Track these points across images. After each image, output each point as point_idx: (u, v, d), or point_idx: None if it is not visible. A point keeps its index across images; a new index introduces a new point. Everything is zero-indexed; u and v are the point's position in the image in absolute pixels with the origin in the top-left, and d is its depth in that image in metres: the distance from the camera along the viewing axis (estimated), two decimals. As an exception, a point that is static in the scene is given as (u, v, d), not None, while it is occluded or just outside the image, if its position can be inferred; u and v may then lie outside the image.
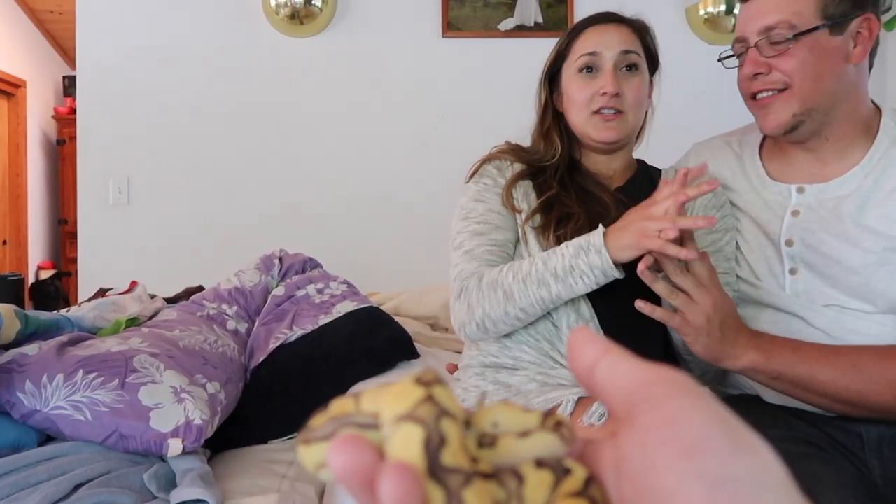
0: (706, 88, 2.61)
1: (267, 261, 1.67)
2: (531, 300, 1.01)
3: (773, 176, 1.15)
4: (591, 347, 0.24)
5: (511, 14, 2.77)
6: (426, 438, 0.20)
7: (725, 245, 1.14)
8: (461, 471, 0.20)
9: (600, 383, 0.23)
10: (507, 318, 1.03)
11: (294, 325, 1.45)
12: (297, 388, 1.35)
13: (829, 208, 1.07)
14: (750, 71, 1.05)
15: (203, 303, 1.54)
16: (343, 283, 1.61)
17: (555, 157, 1.16)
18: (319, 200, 2.73)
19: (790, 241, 1.09)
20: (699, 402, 0.20)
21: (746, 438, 0.19)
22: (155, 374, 1.12)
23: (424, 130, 2.78)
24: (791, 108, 1.04)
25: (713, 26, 2.75)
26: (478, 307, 1.04)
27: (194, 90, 2.71)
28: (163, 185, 2.72)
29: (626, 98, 1.10)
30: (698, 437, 0.19)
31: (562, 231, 1.07)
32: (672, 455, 0.19)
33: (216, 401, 1.18)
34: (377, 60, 2.76)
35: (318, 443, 0.22)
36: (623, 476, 0.21)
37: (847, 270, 1.05)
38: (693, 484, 0.18)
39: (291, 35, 2.71)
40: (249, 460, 1.21)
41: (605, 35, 1.12)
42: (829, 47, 1.03)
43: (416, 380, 0.22)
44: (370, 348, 1.40)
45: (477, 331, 1.07)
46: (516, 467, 0.22)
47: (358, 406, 0.23)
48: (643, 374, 0.22)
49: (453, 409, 0.21)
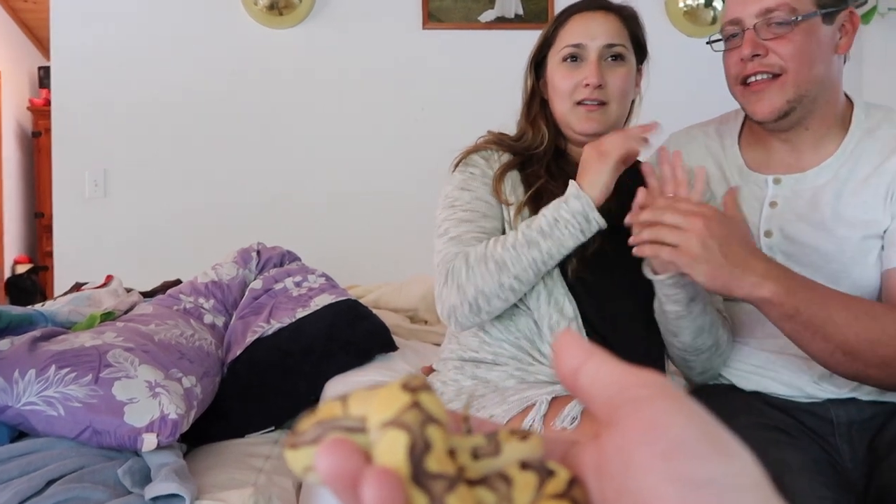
0: (685, 80, 2.63)
1: (244, 254, 1.66)
2: (524, 264, 1.00)
3: (750, 167, 1.16)
4: (576, 351, 0.24)
5: (491, 6, 2.76)
6: (411, 444, 0.21)
7: None
8: (445, 476, 0.21)
9: (584, 386, 0.23)
10: (502, 290, 1.01)
11: (271, 318, 1.45)
12: (275, 381, 1.34)
13: (807, 198, 1.09)
14: (749, 52, 1.04)
15: (179, 296, 1.53)
16: (321, 277, 1.61)
17: (542, 144, 1.15)
18: (298, 193, 2.71)
19: (769, 231, 1.11)
20: (679, 406, 0.20)
21: (725, 442, 0.20)
22: (129, 369, 1.11)
23: (405, 122, 2.76)
24: (786, 94, 1.05)
25: (692, 18, 2.76)
26: (469, 286, 1.02)
27: (172, 82, 2.67)
28: (140, 178, 2.68)
29: (610, 88, 1.10)
30: (678, 439, 0.19)
31: None
32: (651, 456, 0.19)
33: (192, 395, 1.17)
34: (357, 52, 2.74)
35: (306, 447, 0.23)
36: (604, 477, 0.21)
37: (825, 258, 1.07)
38: (671, 485, 0.19)
39: (270, 26, 2.68)
40: (226, 454, 1.21)
41: (591, 25, 1.10)
42: (823, 35, 1.05)
43: (403, 385, 0.22)
44: (348, 341, 1.40)
45: (469, 313, 1.03)
46: (503, 470, 0.23)
47: (346, 409, 0.23)
48: (626, 378, 0.22)
49: (439, 416, 0.22)
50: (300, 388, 1.35)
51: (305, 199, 2.71)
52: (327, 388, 1.34)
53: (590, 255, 1.07)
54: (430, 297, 1.94)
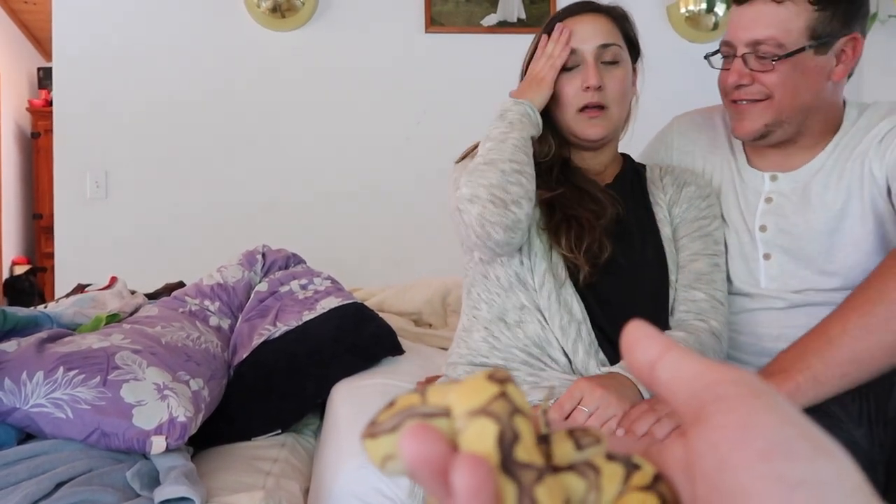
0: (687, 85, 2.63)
1: (250, 256, 1.65)
2: (509, 150, 1.05)
3: (750, 161, 1.20)
4: (653, 342, 0.24)
5: (494, 10, 2.77)
6: (500, 433, 0.20)
7: (714, 230, 1.16)
8: (534, 467, 0.20)
9: (664, 380, 0.23)
10: (506, 175, 1.02)
11: (278, 321, 1.44)
12: (281, 384, 1.34)
13: (799, 193, 1.13)
14: (734, 81, 1.08)
15: (185, 299, 1.52)
16: (327, 279, 1.60)
17: (549, 154, 1.15)
18: (302, 196, 2.71)
19: (763, 226, 1.14)
20: (773, 405, 0.20)
21: (823, 442, 0.19)
22: (137, 371, 1.11)
23: (407, 125, 2.77)
24: (764, 119, 1.09)
25: (694, 24, 2.77)
26: (479, 188, 1.02)
27: (173, 83, 2.67)
28: (141, 179, 2.68)
29: (609, 91, 1.10)
30: (776, 439, 0.19)
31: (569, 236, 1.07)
32: (749, 456, 0.19)
33: (200, 397, 1.17)
34: (360, 55, 2.74)
35: (385, 435, 0.22)
36: (696, 475, 0.21)
37: (818, 249, 1.10)
38: (771, 485, 0.18)
39: (273, 28, 2.68)
40: (233, 457, 1.20)
41: (583, 28, 1.10)
42: (812, 66, 1.06)
43: (489, 376, 0.22)
44: (355, 344, 1.40)
45: (496, 209, 1.00)
46: (590, 460, 0.23)
47: (424, 400, 0.23)
48: (711, 374, 0.22)
49: (526, 408, 0.22)
50: (307, 390, 1.35)
51: (308, 202, 2.71)
52: (334, 391, 1.34)
53: (602, 262, 1.07)
54: (435, 301, 1.94)
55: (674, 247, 1.14)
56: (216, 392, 1.26)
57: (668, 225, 1.16)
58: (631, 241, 1.13)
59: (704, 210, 1.16)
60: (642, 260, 1.12)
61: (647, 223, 1.16)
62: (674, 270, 1.13)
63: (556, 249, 1.07)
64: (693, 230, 1.14)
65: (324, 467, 1.16)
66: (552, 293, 1.06)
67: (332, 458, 1.14)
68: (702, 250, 1.13)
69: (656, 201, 1.18)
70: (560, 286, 1.06)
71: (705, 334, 1.05)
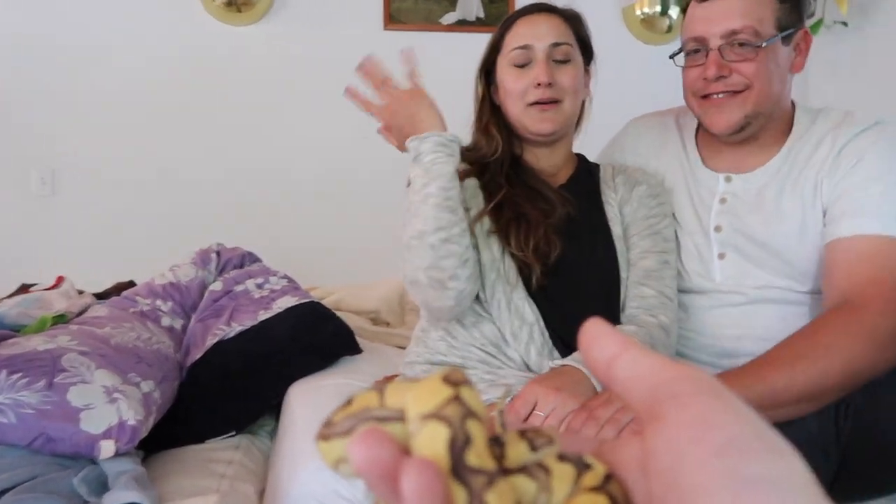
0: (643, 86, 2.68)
1: (203, 255, 1.62)
2: (431, 213, 0.99)
3: (704, 162, 1.22)
4: (610, 341, 0.24)
5: (453, 8, 2.77)
6: (452, 438, 0.20)
7: (664, 228, 1.18)
8: (485, 472, 0.20)
9: (622, 378, 0.23)
10: (436, 249, 0.98)
11: (232, 320, 1.42)
12: (236, 385, 1.31)
13: (753, 195, 1.15)
14: (714, 73, 1.08)
15: (136, 299, 1.48)
16: (283, 278, 1.58)
17: (496, 152, 1.16)
18: (258, 193, 2.67)
19: (719, 227, 1.16)
20: (728, 403, 0.21)
21: (775, 440, 0.20)
22: (85, 374, 1.07)
23: (366, 123, 2.74)
24: (744, 110, 1.09)
25: (649, 26, 2.82)
26: (415, 272, 1.01)
27: (126, 77, 2.60)
28: (91, 176, 2.60)
29: (560, 86, 1.11)
30: (730, 437, 0.19)
31: (517, 234, 1.07)
32: (705, 453, 0.19)
33: (151, 400, 1.14)
34: (317, 51, 2.71)
35: (338, 438, 0.22)
36: (652, 473, 0.21)
37: (770, 253, 1.12)
38: (725, 482, 0.18)
39: (229, 23, 2.63)
40: (186, 460, 1.18)
41: (537, 27, 1.12)
42: (781, 56, 1.10)
43: (444, 378, 0.22)
44: (312, 344, 1.38)
45: (436, 291, 1.00)
46: (542, 461, 0.23)
47: (381, 401, 0.23)
48: (668, 372, 0.22)
49: (479, 411, 0.21)
50: (263, 391, 1.33)
51: (264, 199, 2.67)
52: (291, 391, 1.32)
53: (552, 263, 1.08)
54: (393, 299, 1.93)
55: (624, 245, 1.16)
56: (168, 394, 1.24)
57: (619, 224, 1.18)
58: (583, 240, 1.14)
59: (655, 209, 1.18)
60: (594, 259, 1.14)
61: (599, 222, 1.18)
62: (625, 268, 1.14)
63: (507, 249, 1.08)
64: (643, 228, 1.16)
65: (280, 469, 1.14)
66: (502, 301, 1.07)
67: (288, 460, 1.13)
68: (651, 248, 1.15)
69: (608, 200, 1.20)
70: (512, 290, 1.07)
71: (655, 329, 1.07)
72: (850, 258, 1.03)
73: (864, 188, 1.05)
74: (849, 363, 0.93)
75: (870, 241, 1.02)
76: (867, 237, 1.02)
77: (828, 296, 1.04)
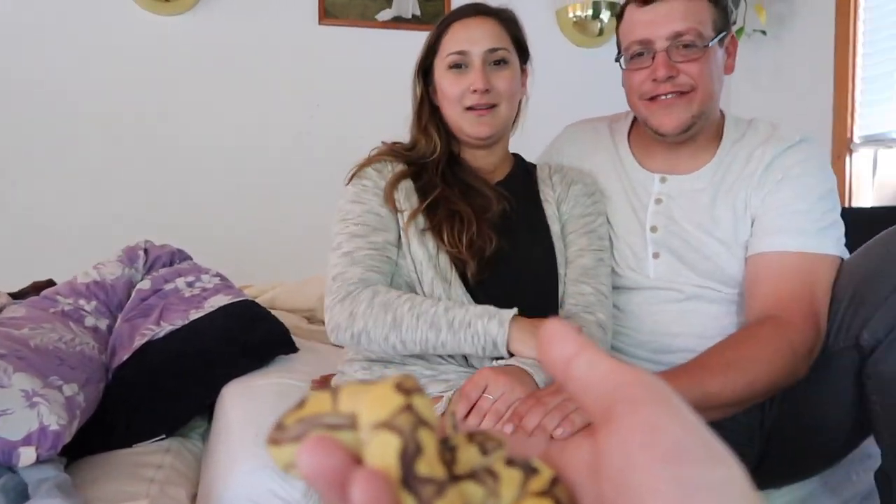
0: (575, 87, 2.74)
1: (130, 252, 1.56)
2: (415, 337, 1.01)
3: (640, 163, 1.25)
4: (567, 341, 0.24)
5: (389, 5, 2.76)
6: (402, 448, 0.20)
7: (598, 227, 1.21)
8: (435, 481, 0.21)
9: (577, 377, 0.24)
10: (386, 343, 1.02)
11: (162, 320, 1.37)
12: (166, 386, 1.27)
13: (687, 200, 1.19)
14: (664, 74, 1.10)
15: (56, 298, 1.41)
16: (215, 276, 1.54)
17: (435, 152, 1.17)
18: (188, 190, 2.58)
19: (654, 227, 1.19)
20: (676, 409, 0.21)
21: (718, 449, 0.21)
22: (2, 377, 1.02)
23: (301, 119, 2.71)
24: (691, 110, 1.12)
25: (581, 29, 2.88)
26: (361, 320, 1.02)
27: (47, 68, 2.47)
28: (6, 171, 2.46)
29: (497, 91, 1.12)
30: (677, 443, 0.20)
31: (451, 230, 1.08)
32: (652, 458, 0.20)
33: (74, 404, 1.09)
34: (250, 44, 2.65)
35: (289, 443, 0.22)
36: (603, 474, 0.22)
37: (703, 257, 1.16)
38: (671, 487, 0.19)
39: (156, 12, 2.54)
40: (114, 465, 1.13)
41: (473, 31, 1.13)
42: (719, 57, 1.15)
43: (397, 386, 0.22)
44: (246, 343, 1.35)
45: (350, 340, 1.05)
46: (490, 465, 0.23)
47: (335, 404, 0.23)
48: (622, 375, 0.23)
49: (431, 419, 0.22)
50: (194, 392, 1.29)
51: (193, 196, 2.59)
52: (224, 392, 1.29)
53: (488, 256, 1.09)
54: (329, 297, 1.91)
55: (562, 242, 1.19)
56: (93, 397, 1.19)
57: (557, 221, 1.20)
58: (520, 236, 1.16)
59: (590, 207, 1.21)
60: (531, 255, 1.16)
61: (537, 219, 1.20)
62: (562, 265, 1.17)
63: (441, 247, 1.08)
64: (580, 226, 1.19)
65: (214, 471, 1.11)
66: (442, 293, 1.07)
67: (223, 461, 1.10)
68: (587, 246, 1.18)
69: (546, 198, 1.22)
70: (449, 287, 1.08)
71: (593, 326, 1.10)
72: (773, 274, 1.08)
73: (788, 205, 1.10)
74: (772, 374, 0.99)
75: (791, 258, 1.08)
76: (789, 254, 1.08)
77: (752, 307, 1.10)
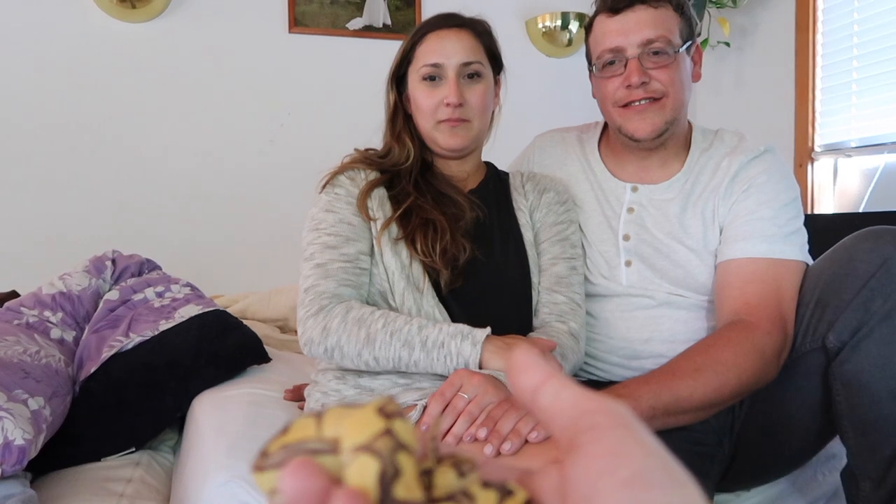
0: (544, 96, 2.78)
1: (98, 262, 1.53)
2: (389, 354, 1.01)
3: (611, 172, 1.27)
4: (535, 371, 0.25)
5: (360, 14, 2.76)
6: (381, 471, 0.21)
7: (571, 234, 1.22)
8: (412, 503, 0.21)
9: (543, 406, 0.25)
10: (359, 359, 1.02)
11: (131, 331, 1.35)
12: (136, 399, 1.25)
13: (658, 209, 1.21)
14: (637, 80, 1.12)
15: (21, 309, 1.38)
16: (186, 286, 1.52)
17: (409, 159, 1.17)
18: (157, 199, 2.54)
19: (627, 235, 1.22)
20: (637, 436, 0.22)
21: (677, 472, 0.22)
22: (-35, 392, 0.99)
23: (271, 128, 2.69)
24: (664, 116, 1.15)
25: (550, 39, 2.92)
26: (334, 335, 1.02)
27: (7, 76, 2.41)
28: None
29: (470, 106, 1.13)
30: (638, 468, 0.21)
31: (424, 240, 1.08)
32: (614, 484, 0.21)
33: (40, 417, 1.07)
34: (219, 52, 2.62)
35: (272, 470, 0.23)
36: (569, 500, 0.22)
37: (674, 264, 1.19)
38: None
39: (122, 19, 2.50)
40: (81, 480, 1.11)
41: (447, 44, 1.12)
42: (688, 65, 1.18)
43: (379, 410, 0.23)
44: (217, 354, 1.33)
45: (324, 354, 1.05)
46: (467, 487, 0.24)
47: (319, 429, 0.23)
48: (587, 403, 0.24)
49: (410, 443, 0.22)
50: (165, 404, 1.27)
51: (163, 206, 2.55)
52: (195, 403, 1.27)
53: (461, 265, 1.10)
54: (301, 307, 1.90)
55: (535, 250, 1.20)
56: (60, 410, 1.16)
57: (530, 229, 1.21)
58: (494, 244, 1.17)
59: (562, 215, 1.23)
60: (504, 263, 1.17)
61: (510, 228, 1.21)
62: (536, 273, 1.18)
63: (414, 256, 1.08)
64: (552, 234, 1.20)
65: (185, 484, 1.09)
66: (412, 308, 1.07)
67: (195, 474, 1.08)
68: (560, 254, 1.19)
69: (519, 206, 1.23)
70: (421, 297, 1.08)
71: (565, 336, 1.11)
72: (741, 279, 1.11)
73: (753, 212, 1.14)
74: (741, 378, 1.01)
75: (759, 264, 1.11)
76: (756, 259, 1.11)
77: (721, 312, 1.13)
